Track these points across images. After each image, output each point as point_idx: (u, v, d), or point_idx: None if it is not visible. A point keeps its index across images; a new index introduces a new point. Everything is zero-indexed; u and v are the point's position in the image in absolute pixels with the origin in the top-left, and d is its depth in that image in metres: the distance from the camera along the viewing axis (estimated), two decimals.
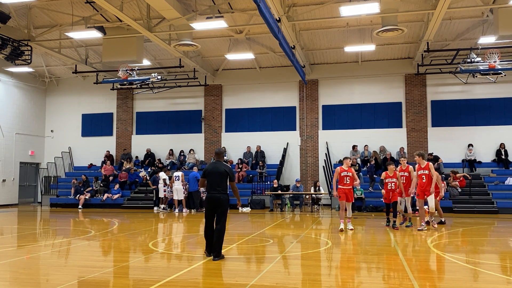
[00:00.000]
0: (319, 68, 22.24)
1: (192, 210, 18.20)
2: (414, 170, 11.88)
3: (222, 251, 7.65)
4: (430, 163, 11.62)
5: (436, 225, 12.21)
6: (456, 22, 17.46)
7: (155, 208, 19.31)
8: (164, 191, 18.86)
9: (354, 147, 21.04)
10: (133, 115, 24.40)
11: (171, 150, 23.12)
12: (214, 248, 7.45)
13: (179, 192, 18.19)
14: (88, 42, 20.21)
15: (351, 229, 11.48)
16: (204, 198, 12.91)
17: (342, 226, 11.32)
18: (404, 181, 12.11)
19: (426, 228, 11.43)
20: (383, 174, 12.28)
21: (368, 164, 19.94)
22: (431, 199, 11.86)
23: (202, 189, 17.34)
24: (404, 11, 15.12)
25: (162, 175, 19.08)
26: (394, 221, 12.01)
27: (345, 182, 11.31)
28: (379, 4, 14.01)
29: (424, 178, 11.38)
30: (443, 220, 12.90)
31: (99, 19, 16.99)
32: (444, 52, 19.27)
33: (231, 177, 7.70)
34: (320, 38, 19.29)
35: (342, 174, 11.34)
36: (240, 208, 17.65)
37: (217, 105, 23.24)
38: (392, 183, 11.95)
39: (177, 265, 7.47)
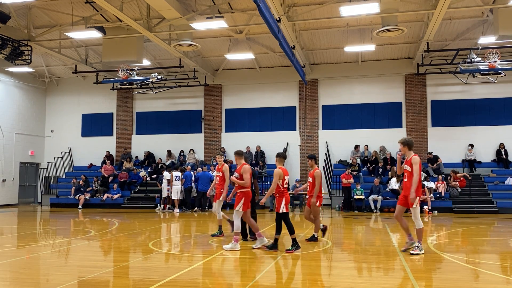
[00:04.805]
0: (319, 68, 22.24)
1: (197, 210, 18.26)
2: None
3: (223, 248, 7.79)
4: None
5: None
6: (456, 22, 17.46)
7: (157, 207, 19.47)
8: (168, 190, 18.94)
9: (356, 147, 21.06)
10: (133, 115, 24.40)
11: (169, 150, 23.10)
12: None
13: (178, 192, 18.33)
14: (88, 42, 20.21)
15: (237, 250, 8.40)
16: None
17: (256, 244, 8.79)
18: (217, 182, 10.10)
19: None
20: None
21: (376, 165, 20.17)
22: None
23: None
24: (404, 11, 15.12)
25: (166, 175, 19.15)
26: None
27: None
28: (379, 4, 14.00)
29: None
30: (316, 235, 9.81)
31: (99, 19, 16.99)
32: (444, 52, 19.27)
33: (254, 175, 9.58)
34: (320, 38, 19.29)
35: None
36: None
37: (217, 105, 23.23)
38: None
39: (177, 265, 7.47)
